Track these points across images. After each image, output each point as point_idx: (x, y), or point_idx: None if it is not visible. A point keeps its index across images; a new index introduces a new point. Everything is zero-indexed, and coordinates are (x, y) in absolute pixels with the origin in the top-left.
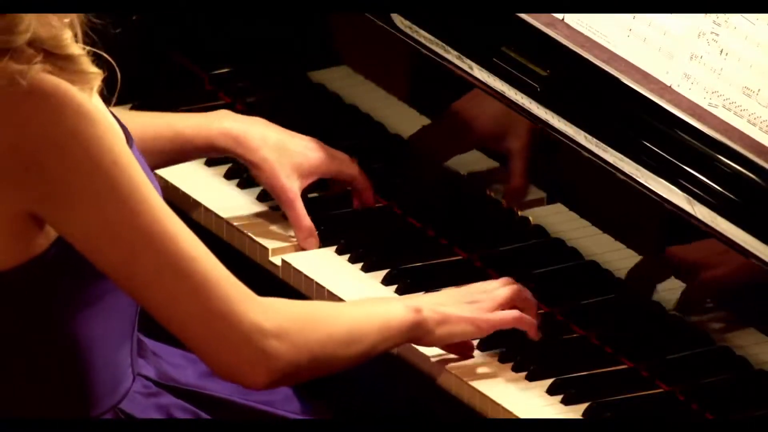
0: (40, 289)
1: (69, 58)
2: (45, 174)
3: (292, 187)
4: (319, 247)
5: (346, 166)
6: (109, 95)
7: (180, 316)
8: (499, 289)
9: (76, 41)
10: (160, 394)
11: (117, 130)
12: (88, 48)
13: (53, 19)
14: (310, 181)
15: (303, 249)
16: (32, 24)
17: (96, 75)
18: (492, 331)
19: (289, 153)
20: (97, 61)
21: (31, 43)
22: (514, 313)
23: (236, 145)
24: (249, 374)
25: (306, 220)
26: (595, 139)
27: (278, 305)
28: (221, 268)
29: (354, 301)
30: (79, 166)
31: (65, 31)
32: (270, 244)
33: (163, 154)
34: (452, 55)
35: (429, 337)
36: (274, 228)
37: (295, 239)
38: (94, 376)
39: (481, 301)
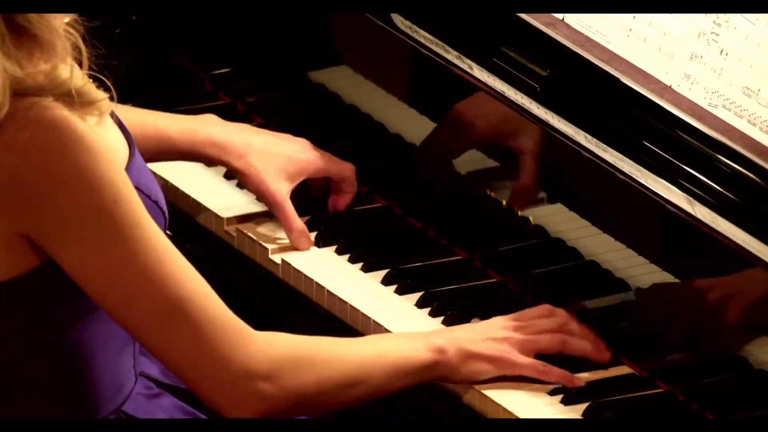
0: (39, 299)
1: (70, 94)
2: (45, 206)
3: (280, 190)
4: (312, 246)
5: (334, 165)
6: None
7: (172, 355)
8: (545, 334)
9: (81, 65)
10: (162, 395)
11: (118, 159)
12: (88, 72)
13: (40, 64)
14: (298, 181)
15: (296, 249)
16: (7, 100)
17: (104, 101)
18: (516, 373)
19: (275, 157)
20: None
21: (25, 94)
22: (540, 366)
23: (221, 152)
24: (234, 413)
25: (297, 222)
26: (595, 139)
27: (274, 345)
28: (216, 307)
29: (371, 337)
30: (80, 204)
31: (60, 69)
32: (270, 244)
33: (146, 153)
34: (452, 55)
35: (454, 377)
36: (274, 228)
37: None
38: (97, 381)
39: (518, 342)
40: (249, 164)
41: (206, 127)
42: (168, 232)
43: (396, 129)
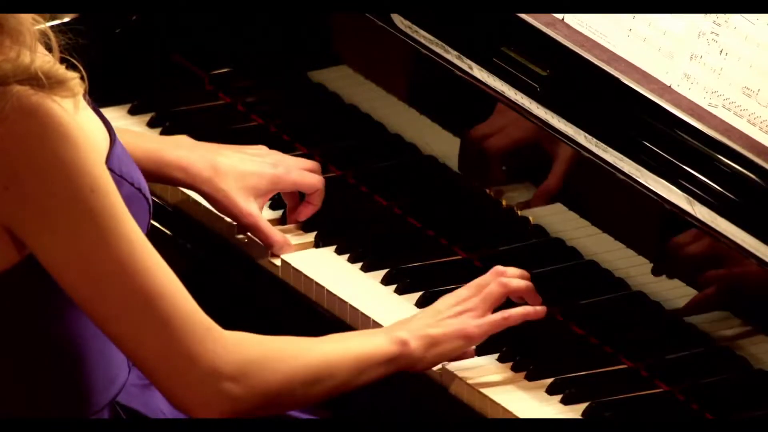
0: (26, 292)
1: (37, 77)
2: (23, 195)
3: (251, 210)
4: (297, 249)
5: (305, 179)
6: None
7: (140, 350)
8: (488, 286)
9: (51, 48)
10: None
11: (97, 150)
12: (54, 55)
13: (7, 52)
14: (269, 197)
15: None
16: None
17: (73, 79)
18: (485, 337)
19: (243, 176)
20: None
21: None
22: (499, 319)
23: (187, 176)
24: (200, 413)
25: (275, 236)
26: (595, 139)
27: (241, 344)
28: (187, 304)
29: (335, 335)
30: (57, 192)
31: (23, 54)
32: None
33: None
34: (452, 55)
35: (421, 364)
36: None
37: (294, 240)
38: (90, 372)
39: (471, 308)
40: (216, 188)
41: (174, 150)
42: (168, 232)
43: (396, 129)
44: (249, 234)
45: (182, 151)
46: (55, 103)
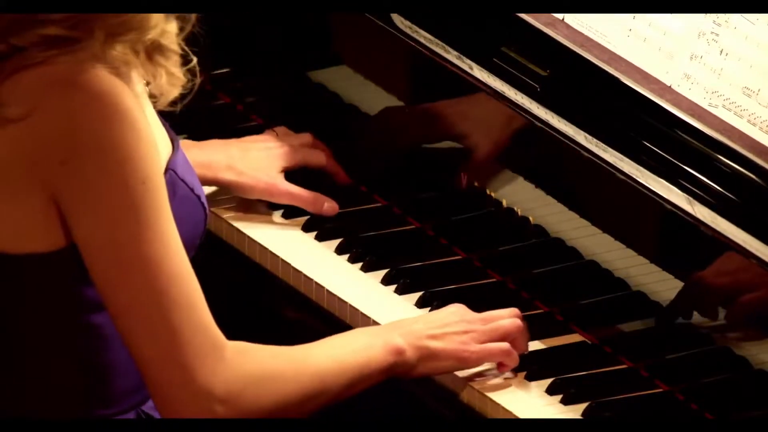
0: (75, 275)
1: (166, 53)
2: (78, 172)
3: (277, 181)
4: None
5: (309, 155)
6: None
7: (144, 350)
8: (501, 321)
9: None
10: None
11: (158, 149)
12: (183, 49)
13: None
14: (284, 172)
15: (323, 215)
16: (161, 20)
17: (178, 80)
18: (479, 364)
19: (256, 158)
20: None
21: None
22: (503, 346)
23: (207, 171)
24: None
25: (308, 194)
26: (595, 139)
27: (242, 366)
28: (202, 318)
29: (331, 343)
30: (110, 175)
31: (173, 24)
32: (270, 244)
33: None
34: (452, 55)
35: (412, 373)
36: (274, 228)
37: (294, 239)
38: (121, 370)
39: (475, 332)
40: (238, 172)
41: (186, 152)
42: None
43: None
44: (249, 234)
45: (193, 151)
46: (130, 95)
